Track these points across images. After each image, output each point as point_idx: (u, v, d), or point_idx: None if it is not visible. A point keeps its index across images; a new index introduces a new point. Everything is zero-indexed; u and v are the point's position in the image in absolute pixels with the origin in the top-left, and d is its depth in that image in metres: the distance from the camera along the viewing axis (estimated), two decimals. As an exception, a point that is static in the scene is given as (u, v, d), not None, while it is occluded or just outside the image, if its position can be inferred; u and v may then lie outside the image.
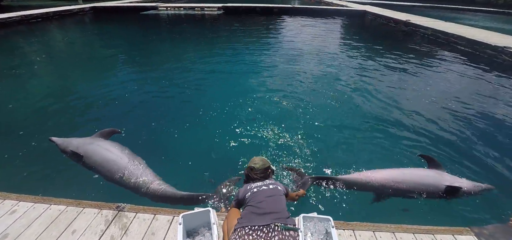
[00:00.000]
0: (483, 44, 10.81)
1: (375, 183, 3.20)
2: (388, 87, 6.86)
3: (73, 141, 3.55)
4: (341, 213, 2.94)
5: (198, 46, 10.83)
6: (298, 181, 3.29)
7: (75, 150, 3.37)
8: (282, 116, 5.11)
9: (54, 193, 2.72)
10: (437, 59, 9.93)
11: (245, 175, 2.27)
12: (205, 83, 6.80)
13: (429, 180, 3.20)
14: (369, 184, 3.20)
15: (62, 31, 13.55)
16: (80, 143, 3.50)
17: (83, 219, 2.38)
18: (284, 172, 3.48)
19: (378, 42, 12.90)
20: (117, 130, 4.03)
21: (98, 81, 6.76)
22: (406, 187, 3.15)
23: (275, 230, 1.77)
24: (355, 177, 3.29)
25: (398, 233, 2.39)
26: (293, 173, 3.43)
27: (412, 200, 3.16)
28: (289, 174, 3.44)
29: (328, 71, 7.98)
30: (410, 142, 4.46)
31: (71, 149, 3.40)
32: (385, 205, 3.15)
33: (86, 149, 3.40)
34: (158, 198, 3.00)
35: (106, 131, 3.81)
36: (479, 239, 2.39)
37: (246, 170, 2.26)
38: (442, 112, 5.56)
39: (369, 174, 3.28)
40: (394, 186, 3.16)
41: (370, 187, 3.20)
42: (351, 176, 3.31)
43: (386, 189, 3.17)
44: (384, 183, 3.18)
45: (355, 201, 3.12)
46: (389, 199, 3.19)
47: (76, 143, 3.50)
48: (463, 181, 3.24)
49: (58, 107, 5.37)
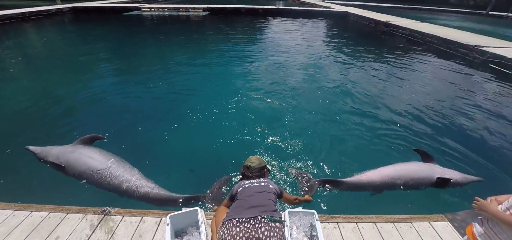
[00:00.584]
0: (456, 43, 11.47)
1: (376, 182, 3.32)
2: (371, 85, 7.12)
3: (52, 150, 3.37)
4: (326, 207, 3.05)
5: (184, 48, 10.72)
6: (305, 184, 3.26)
7: (55, 160, 3.20)
8: (269, 115, 5.20)
9: (35, 200, 2.63)
10: (415, 58, 10.43)
11: (241, 173, 2.32)
12: (191, 84, 6.76)
13: (423, 173, 3.43)
14: (371, 184, 3.32)
15: (40, 33, 12.94)
16: (60, 152, 3.32)
17: (67, 224, 2.33)
18: (289, 176, 3.46)
19: (361, 42, 13.35)
20: (100, 136, 3.82)
21: (78, 85, 6.49)
22: (403, 181, 3.34)
23: (261, 221, 1.83)
24: (358, 178, 3.35)
25: (379, 223, 2.53)
26: (299, 176, 3.40)
27: (393, 191, 3.34)
28: (295, 177, 3.41)
29: (313, 71, 8.17)
30: (397, 136, 4.70)
31: (51, 159, 3.24)
32: (367, 197, 3.31)
33: (67, 158, 3.24)
34: (151, 201, 2.98)
35: (87, 138, 3.62)
36: (452, 224, 2.57)
37: (242, 168, 2.32)
38: (422, 107, 5.88)
39: (370, 174, 3.38)
40: (393, 182, 3.33)
41: (372, 187, 3.32)
42: (355, 179, 3.37)
43: (386, 186, 3.32)
44: (384, 181, 3.33)
45: (339, 196, 3.24)
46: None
47: (55, 152, 3.32)
48: (452, 173, 3.50)
49: (35, 113, 5.12)
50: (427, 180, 3.38)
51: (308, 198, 2.78)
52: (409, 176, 3.38)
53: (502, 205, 1.42)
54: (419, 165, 3.61)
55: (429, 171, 3.45)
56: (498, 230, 1.39)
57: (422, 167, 3.54)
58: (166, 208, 2.78)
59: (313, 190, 3.14)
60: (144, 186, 3.06)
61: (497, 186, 3.67)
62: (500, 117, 5.64)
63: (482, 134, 4.96)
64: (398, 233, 2.43)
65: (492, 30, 19.70)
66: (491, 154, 4.37)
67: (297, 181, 3.37)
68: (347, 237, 2.36)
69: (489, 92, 7.14)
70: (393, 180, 3.33)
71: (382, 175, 3.36)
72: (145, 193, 3.01)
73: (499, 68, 9.04)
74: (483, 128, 5.18)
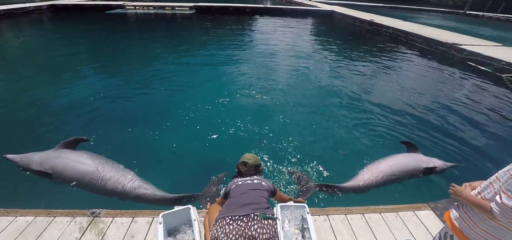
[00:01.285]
0: (437, 41, 11.98)
1: (373, 183, 3.38)
2: (356, 82, 7.32)
3: (34, 157, 3.18)
4: (316, 200, 3.13)
5: (170, 47, 10.54)
6: (302, 186, 3.25)
7: (39, 167, 3.04)
8: (260, 112, 5.25)
9: (19, 206, 2.53)
10: (398, 56, 10.80)
11: (236, 170, 2.34)
12: (179, 83, 6.67)
13: (411, 164, 3.62)
14: (367, 186, 3.36)
15: (16, 32, 12.30)
16: (44, 159, 3.14)
17: (55, 228, 2.27)
18: (285, 175, 3.47)
19: (346, 40, 13.66)
20: (83, 138, 3.66)
21: (58, 86, 6.15)
22: (397, 176, 3.48)
23: (254, 219, 1.86)
24: (355, 183, 3.37)
25: (367, 214, 2.63)
26: (297, 177, 3.40)
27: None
28: (293, 178, 3.41)
29: (300, 69, 8.29)
30: (383, 130, 4.91)
31: (34, 167, 3.07)
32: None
33: (52, 164, 3.09)
34: (147, 201, 2.95)
35: (70, 140, 3.44)
36: (435, 212, 2.72)
37: (237, 165, 2.33)
38: (404, 102, 6.13)
39: (365, 176, 3.43)
40: (388, 179, 3.44)
41: (369, 188, 3.36)
42: (351, 183, 3.38)
43: (382, 184, 3.41)
44: (380, 180, 3.41)
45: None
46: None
47: (38, 159, 3.13)
48: (435, 161, 3.72)
49: (12, 116, 4.82)
50: (417, 170, 3.58)
51: (301, 200, 2.73)
52: (402, 170, 3.53)
53: (475, 191, 1.53)
54: (408, 157, 3.78)
55: (417, 162, 3.64)
56: (471, 214, 1.50)
57: (411, 159, 3.71)
58: (162, 207, 2.77)
59: (309, 193, 3.15)
60: (140, 187, 3.02)
61: (475, 172, 3.91)
62: (477, 110, 5.98)
63: (461, 125, 5.26)
64: (384, 223, 2.54)
65: (469, 29, 20.73)
66: (469, 142, 4.66)
67: (294, 182, 3.37)
68: (337, 228, 2.45)
69: (466, 87, 7.54)
70: (388, 177, 3.44)
71: (377, 174, 3.44)
72: (141, 194, 2.99)
73: (475, 65, 9.53)
74: (461, 119, 5.50)
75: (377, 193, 3.37)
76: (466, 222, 1.52)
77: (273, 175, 3.50)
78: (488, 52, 9.94)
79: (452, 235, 1.65)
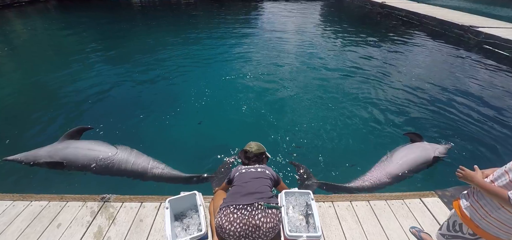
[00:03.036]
0: (452, 24, 11.42)
1: (379, 182, 3.23)
2: (366, 69, 7.11)
3: (39, 152, 3.18)
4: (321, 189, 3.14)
5: (175, 32, 10.48)
6: (303, 182, 3.17)
7: (50, 160, 3.07)
8: (266, 98, 5.23)
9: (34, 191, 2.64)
10: (410, 40, 10.39)
11: (239, 157, 2.36)
12: (185, 70, 6.66)
13: (420, 158, 3.45)
14: (374, 186, 3.21)
15: (23, 21, 12.45)
16: (52, 151, 3.15)
17: (68, 212, 2.37)
18: (290, 168, 3.43)
19: (357, 24, 13.21)
20: (86, 126, 3.68)
21: (64, 74, 6.14)
22: (404, 173, 3.32)
23: (258, 208, 1.89)
24: (359, 183, 3.23)
25: (372, 201, 2.62)
26: (299, 171, 3.32)
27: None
28: (295, 171, 3.34)
29: (309, 54, 8.12)
30: (392, 117, 4.77)
31: (43, 161, 3.09)
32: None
33: (63, 154, 3.11)
34: (163, 180, 3.14)
35: (74, 131, 3.44)
36: (442, 199, 2.68)
37: (240, 152, 2.35)
38: (416, 89, 5.93)
39: (371, 176, 3.29)
40: (394, 178, 3.28)
41: (375, 188, 3.21)
42: (356, 183, 3.24)
43: (389, 182, 3.25)
44: (386, 179, 3.24)
45: (335, 180, 3.31)
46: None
47: (45, 153, 3.14)
48: (438, 147, 3.64)
49: (19, 106, 4.85)
50: (426, 162, 3.46)
51: None
52: (410, 165, 3.37)
53: (488, 178, 1.48)
54: (414, 150, 3.56)
55: (425, 153, 3.50)
56: (483, 203, 1.45)
57: (418, 152, 3.52)
58: (176, 185, 3.04)
59: (309, 189, 3.01)
60: (155, 167, 3.20)
61: (486, 160, 3.81)
62: (493, 97, 5.74)
63: (475, 113, 5.06)
64: (390, 210, 2.52)
65: (487, 10, 19.62)
66: (483, 131, 4.50)
67: (296, 175, 3.32)
68: (341, 215, 2.45)
69: (482, 72, 7.22)
70: (395, 175, 3.29)
71: (384, 173, 3.30)
72: (157, 173, 3.18)
73: (493, 49, 9.08)
74: (476, 106, 5.29)
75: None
76: (477, 211, 1.48)
77: (276, 165, 3.50)
78: (507, 35, 9.42)
79: (461, 223, 1.63)
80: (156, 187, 3.09)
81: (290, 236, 1.95)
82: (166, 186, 3.11)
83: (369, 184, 3.21)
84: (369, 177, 3.28)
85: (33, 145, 3.37)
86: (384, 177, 3.27)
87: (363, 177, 3.31)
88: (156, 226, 2.27)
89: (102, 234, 2.19)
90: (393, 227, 2.35)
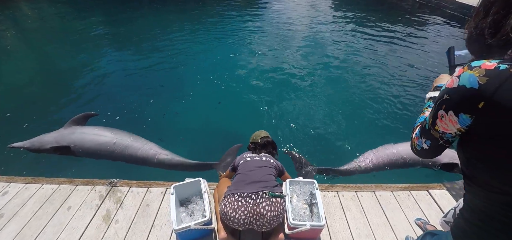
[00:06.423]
0: (473, 7, 10.78)
1: (375, 165, 3.25)
2: (377, 56, 6.87)
3: (45, 137, 3.21)
4: (326, 178, 3.12)
5: (183, 18, 10.32)
6: (301, 170, 3.18)
7: (57, 144, 3.10)
8: (272, 85, 5.17)
9: (44, 175, 2.72)
10: (426, 26, 9.93)
11: (248, 146, 2.37)
12: (192, 54, 6.59)
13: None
14: (370, 168, 3.24)
15: (32, 4, 12.50)
16: (58, 137, 3.18)
17: (77, 195, 2.44)
18: (285, 156, 3.40)
19: (370, 8, 12.66)
20: (92, 113, 3.71)
21: (72, 58, 6.13)
22: (402, 161, 3.28)
23: (262, 197, 1.89)
24: (355, 166, 3.27)
25: (378, 192, 2.59)
26: (295, 159, 3.31)
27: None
28: (291, 160, 3.32)
29: (318, 41, 7.87)
30: (400, 108, 4.64)
31: (49, 146, 3.12)
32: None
33: (69, 140, 3.14)
34: (168, 167, 3.19)
35: (80, 117, 3.48)
36: (450, 192, 2.62)
37: (250, 142, 2.37)
38: (429, 78, 5.71)
39: (368, 158, 3.29)
40: (393, 163, 3.27)
41: (370, 170, 3.24)
42: (352, 165, 3.28)
43: (386, 167, 3.27)
44: (384, 163, 3.26)
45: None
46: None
47: (51, 139, 3.17)
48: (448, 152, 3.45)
49: (26, 91, 4.85)
50: (429, 163, 3.36)
51: None
52: (407, 152, 3.30)
53: None
54: None
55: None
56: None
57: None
58: (181, 172, 3.10)
59: (309, 176, 3.07)
60: (161, 153, 3.24)
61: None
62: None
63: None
64: (396, 201, 2.49)
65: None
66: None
67: (293, 164, 3.29)
68: (346, 204, 2.44)
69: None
70: (393, 161, 3.26)
71: (382, 157, 3.27)
72: (162, 159, 3.22)
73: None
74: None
75: (390, 174, 3.27)
76: None
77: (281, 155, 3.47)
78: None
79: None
80: (162, 173, 3.13)
81: (294, 225, 1.96)
82: (171, 173, 3.15)
83: (364, 166, 3.22)
84: (366, 161, 3.27)
85: (37, 131, 3.40)
86: (386, 159, 3.26)
87: (358, 159, 3.31)
88: (162, 211, 2.32)
89: (110, 217, 2.25)
90: (399, 218, 2.32)
